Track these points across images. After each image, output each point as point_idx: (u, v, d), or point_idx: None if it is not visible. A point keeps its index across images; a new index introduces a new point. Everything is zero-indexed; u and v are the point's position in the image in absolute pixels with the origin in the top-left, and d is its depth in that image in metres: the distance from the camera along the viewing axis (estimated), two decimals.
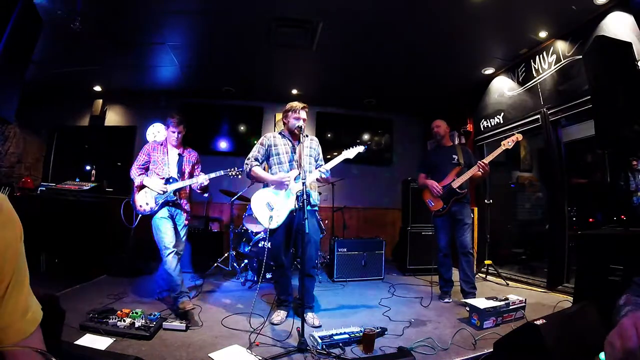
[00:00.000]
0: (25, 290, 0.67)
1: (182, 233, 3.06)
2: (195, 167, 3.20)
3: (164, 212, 2.94)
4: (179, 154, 3.12)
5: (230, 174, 3.06)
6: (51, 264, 3.79)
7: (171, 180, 2.98)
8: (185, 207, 3.10)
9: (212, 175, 3.02)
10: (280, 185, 2.70)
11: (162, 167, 3.01)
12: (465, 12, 3.33)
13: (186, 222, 3.09)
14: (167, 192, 2.93)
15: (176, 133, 3.05)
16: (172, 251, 2.81)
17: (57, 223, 3.77)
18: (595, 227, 3.64)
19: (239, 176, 3.09)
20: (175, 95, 5.65)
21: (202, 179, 2.98)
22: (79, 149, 5.75)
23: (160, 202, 2.93)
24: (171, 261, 2.78)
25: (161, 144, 3.11)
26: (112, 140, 5.81)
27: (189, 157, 3.17)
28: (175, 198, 3.01)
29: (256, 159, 2.82)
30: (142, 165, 3.04)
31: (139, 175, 2.99)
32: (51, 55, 4.17)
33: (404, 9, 3.35)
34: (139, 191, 2.97)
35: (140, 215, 3.02)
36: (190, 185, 3.08)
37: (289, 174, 2.71)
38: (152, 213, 2.92)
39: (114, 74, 5.04)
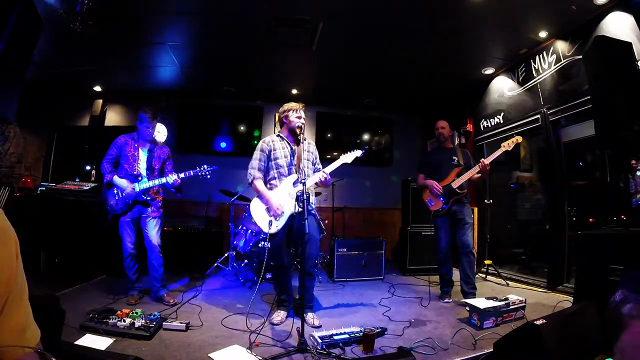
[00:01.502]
0: (24, 308, 0.64)
1: (152, 226, 3.00)
2: (166, 164, 3.14)
3: (130, 215, 2.96)
4: (149, 150, 3.06)
5: (201, 174, 2.97)
6: (51, 264, 3.78)
7: (140, 178, 2.94)
8: (155, 203, 3.04)
9: (182, 175, 2.94)
10: (270, 208, 2.67)
11: (132, 162, 2.97)
12: (465, 12, 3.32)
13: (153, 215, 3.01)
14: (135, 192, 2.91)
15: (150, 128, 3.01)
16: (130, 255, 3.01)
17: (57, 223, 3.77)
18: (595, 227, 3.64)
19: (209, 176, 2.97)
20: (175, 95, 5.65)
21: (172, 178, 2.90)
22: (79, 149, 5.73)
23: (130, 202, 2.93)
24: (130, 265, 3.03)
25: (133, 139, 3.05)
26: (112, 140, 5.79)
27: (159, 154, 3.11)
28: (145, 198, 2.97)
29: (259, 169, 2.77)
30: (113, 159, 3.01)
31: (109, 172, 2.97)
32: (51, 55, 4.16)
33: (403, 9, 3.35)
34: (109, 189, 2.96)
35: (111, 215, 3.00)
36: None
37: (282, 203, 2.66)
38: (121, 213, 2.94)
39: (114, 74, 5.03)
